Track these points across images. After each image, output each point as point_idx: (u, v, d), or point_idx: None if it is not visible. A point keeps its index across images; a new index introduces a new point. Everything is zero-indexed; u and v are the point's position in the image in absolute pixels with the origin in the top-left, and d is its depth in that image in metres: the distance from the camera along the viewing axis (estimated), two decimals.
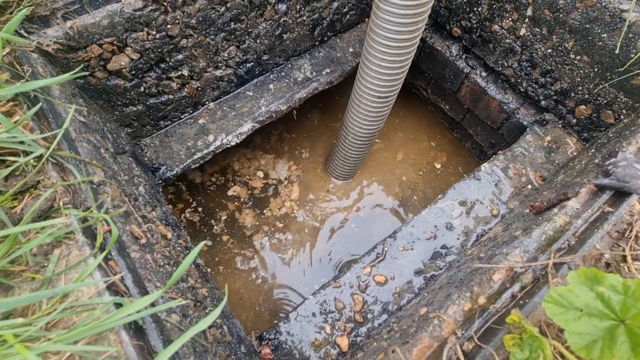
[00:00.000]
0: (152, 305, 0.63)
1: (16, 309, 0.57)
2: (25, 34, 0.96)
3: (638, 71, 1.22)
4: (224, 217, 2.06)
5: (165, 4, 1.16)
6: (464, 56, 1.85)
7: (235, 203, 2.10)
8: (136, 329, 0.60)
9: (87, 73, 1.15)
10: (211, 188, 2.14)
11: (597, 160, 0.91)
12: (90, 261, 0.63)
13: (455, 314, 0.70)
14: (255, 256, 1.97)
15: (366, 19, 1.94)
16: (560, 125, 1.60)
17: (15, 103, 0.75)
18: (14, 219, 0.64)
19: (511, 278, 0.70)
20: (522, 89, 1.67)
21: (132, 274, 0.66)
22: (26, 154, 0.69)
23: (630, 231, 0.68)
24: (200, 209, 2.08)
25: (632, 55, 1.21)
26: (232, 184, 2.16)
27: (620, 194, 0.76)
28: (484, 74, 1.79)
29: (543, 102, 1.62)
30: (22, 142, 0.69)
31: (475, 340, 0.62)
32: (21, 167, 0.68)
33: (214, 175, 2.18)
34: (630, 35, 1.19)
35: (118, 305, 0.60)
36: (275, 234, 2.04)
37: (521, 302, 0.66)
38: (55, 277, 0.61)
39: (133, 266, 0.69)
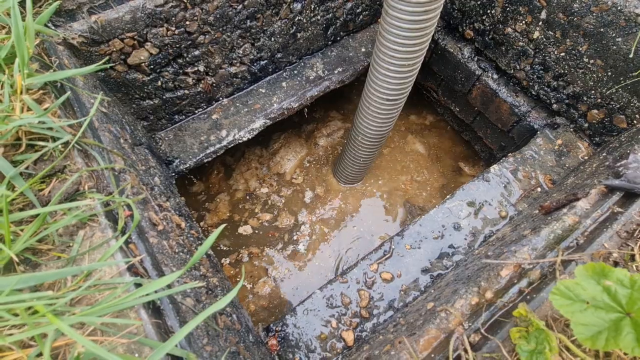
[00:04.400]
0: (169, 287, 0.66)
1: (43, 285, 0.60)
2: (53, 27, 1.00)
3: None
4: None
5: (185, 1, 1.20)
6: (475, 58, 1.85)
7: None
8: (154, 309, 0.63)
9: (109, 65, 1.19)
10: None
11: (608, 162, 0.91)
12: (112, 243, 0.66)
13: (462, 308, 0.71)
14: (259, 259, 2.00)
15: (379, 20, 1.96)
16: (571, 129, 1.59)
17: (44, 92, 0.79)
18: (42, 200, 0.67)
19: (519, 274, 0.71)
20: (533, 92, 1.67)
21: (150, 257, 0.69)
22: (54, 139, 0.72)
23: None
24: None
25: None
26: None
27: (630, 195, 0.77)
28: (495, 76, 1.80)
29: (555, 106, 1.62)
30: (50, 129, 0.72)
31: (482, 331, 0.63)
32: (49, 152, 0.72)
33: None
34: None
35: (138, 286, 0.62)
36: (281, 238, 2.06)
37: (528, 297, 0.67)
38: (79, 256, 0.64)
39: (151, 250, 0.72)
